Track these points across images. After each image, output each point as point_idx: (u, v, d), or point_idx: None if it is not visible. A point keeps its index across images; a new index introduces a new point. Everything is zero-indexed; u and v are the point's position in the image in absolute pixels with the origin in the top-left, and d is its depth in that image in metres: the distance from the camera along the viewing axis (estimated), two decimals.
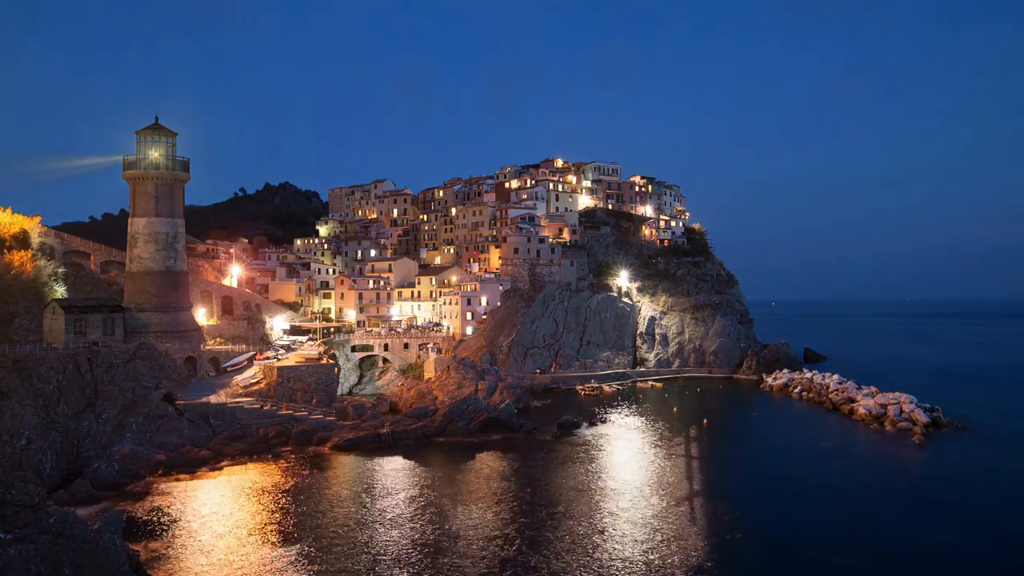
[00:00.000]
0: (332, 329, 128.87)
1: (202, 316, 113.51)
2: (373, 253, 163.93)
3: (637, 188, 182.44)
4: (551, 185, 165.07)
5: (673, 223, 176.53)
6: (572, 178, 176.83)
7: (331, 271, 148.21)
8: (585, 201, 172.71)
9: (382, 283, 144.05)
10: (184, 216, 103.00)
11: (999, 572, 46.95)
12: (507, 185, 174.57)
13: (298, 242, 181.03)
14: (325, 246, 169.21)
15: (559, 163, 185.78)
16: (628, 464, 73.86)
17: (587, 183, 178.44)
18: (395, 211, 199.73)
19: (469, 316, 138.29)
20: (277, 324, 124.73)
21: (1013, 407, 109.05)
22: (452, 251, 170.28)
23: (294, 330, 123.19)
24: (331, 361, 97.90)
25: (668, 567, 46.16)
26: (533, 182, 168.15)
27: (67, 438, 67.76)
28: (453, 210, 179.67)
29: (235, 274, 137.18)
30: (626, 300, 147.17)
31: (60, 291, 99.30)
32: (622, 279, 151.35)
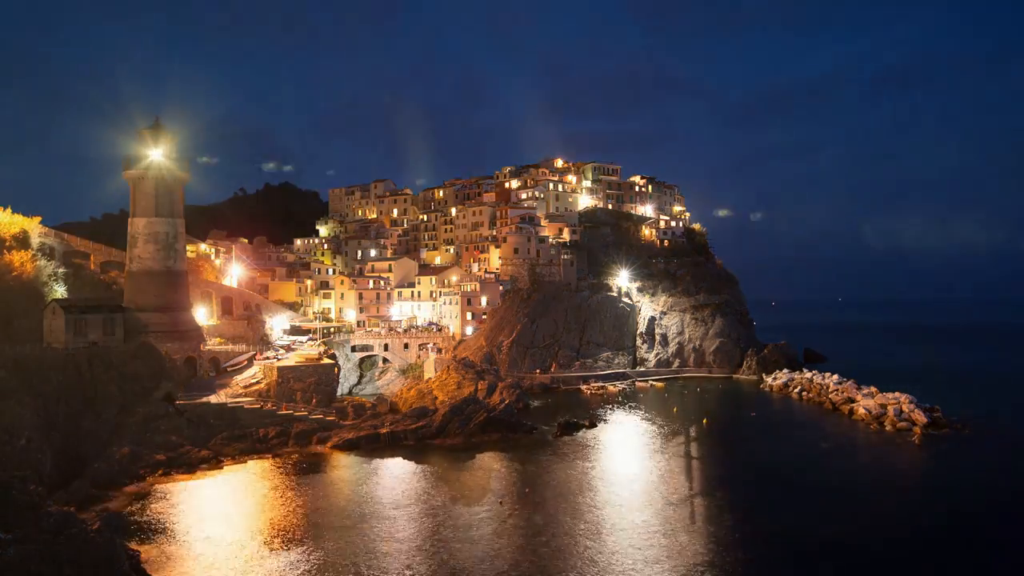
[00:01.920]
0: (332, 329, 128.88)
1: (202, 316, 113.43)
2: (373, 253, 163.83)
3: (637, 188, 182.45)
4: (551, 185, 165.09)
5: (673, 223, 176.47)
6: (572, 178, 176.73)
7: (331, 271, 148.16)
8: (585, 201, 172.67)
9: (382, 283, 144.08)
10: (184, 216, 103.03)
11: (997, 572, 47.00)
12: (507, 185, 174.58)
13: (298, 242, 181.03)
14: (325, 246, 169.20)
15: (559, 163, 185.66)
16: (628, 464, 73.90)
17: (587, 183, 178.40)
18: (395, 211, 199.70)
19: (469, 316, 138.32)
20: (277, 324, 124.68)
21: (1013, 407, 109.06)
22: (452, 251, 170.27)
23: (294, 330, 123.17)
24: (331, 361, 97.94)
25: (668, 567, 46.19)
26: (533, 182, 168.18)
27: (67, 438, 67.78)
28: (453, 210, 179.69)
29: (235, 274, 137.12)
30: (626, 300, 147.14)
31: (60, 291, 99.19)
32: (622, 279, 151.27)
